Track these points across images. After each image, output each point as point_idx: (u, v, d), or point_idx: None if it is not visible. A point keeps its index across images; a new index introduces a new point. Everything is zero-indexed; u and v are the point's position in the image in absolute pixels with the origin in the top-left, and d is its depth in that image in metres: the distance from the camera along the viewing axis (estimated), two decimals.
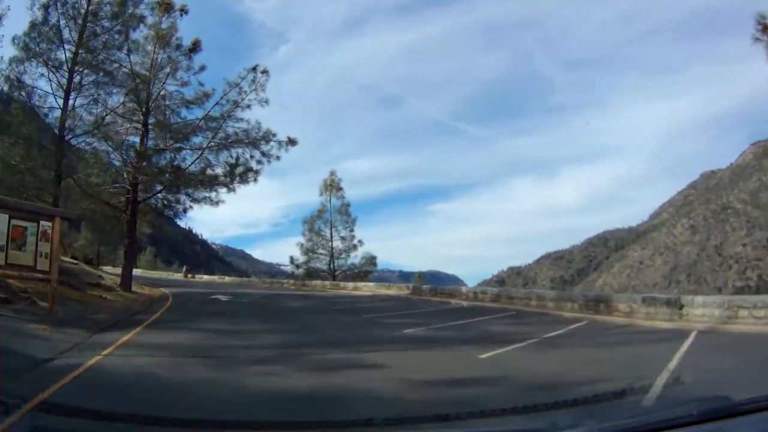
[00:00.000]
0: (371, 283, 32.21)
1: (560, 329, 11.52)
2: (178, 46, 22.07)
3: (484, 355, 7.75)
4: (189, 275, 51.07)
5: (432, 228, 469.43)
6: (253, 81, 22.01)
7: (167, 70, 22.06)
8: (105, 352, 7.29)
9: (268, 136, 22.62)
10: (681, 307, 12.83)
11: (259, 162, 22.80)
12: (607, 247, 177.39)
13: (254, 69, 22.16)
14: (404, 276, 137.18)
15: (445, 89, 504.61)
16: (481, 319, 14.42)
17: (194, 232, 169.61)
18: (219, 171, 22.74)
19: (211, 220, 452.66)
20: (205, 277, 51.08)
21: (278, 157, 22.64)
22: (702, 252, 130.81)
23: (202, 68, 22.45)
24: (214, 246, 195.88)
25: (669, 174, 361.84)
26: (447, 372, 6.69)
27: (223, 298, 21.67)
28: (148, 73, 21.70)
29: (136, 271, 47.16)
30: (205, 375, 6.29)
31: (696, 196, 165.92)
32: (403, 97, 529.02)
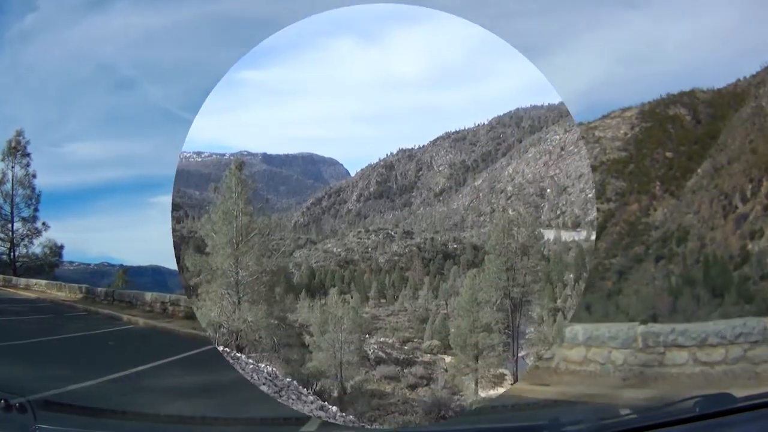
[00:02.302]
0: (43, 281, 24.09)
1: None
2: None
3: None
4: None
5: (154, 220, 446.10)
6: None
7: None
8: None
9: None
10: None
11: None
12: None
13: None
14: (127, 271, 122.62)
15: (177, 78, 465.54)
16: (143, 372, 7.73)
17: None
18: None
19: None
20: None
21: None
22: None
23: None
24: None
25: None
26: None
27: None
28: None
29: None
30: None
31: None
32: (137, 82, 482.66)
